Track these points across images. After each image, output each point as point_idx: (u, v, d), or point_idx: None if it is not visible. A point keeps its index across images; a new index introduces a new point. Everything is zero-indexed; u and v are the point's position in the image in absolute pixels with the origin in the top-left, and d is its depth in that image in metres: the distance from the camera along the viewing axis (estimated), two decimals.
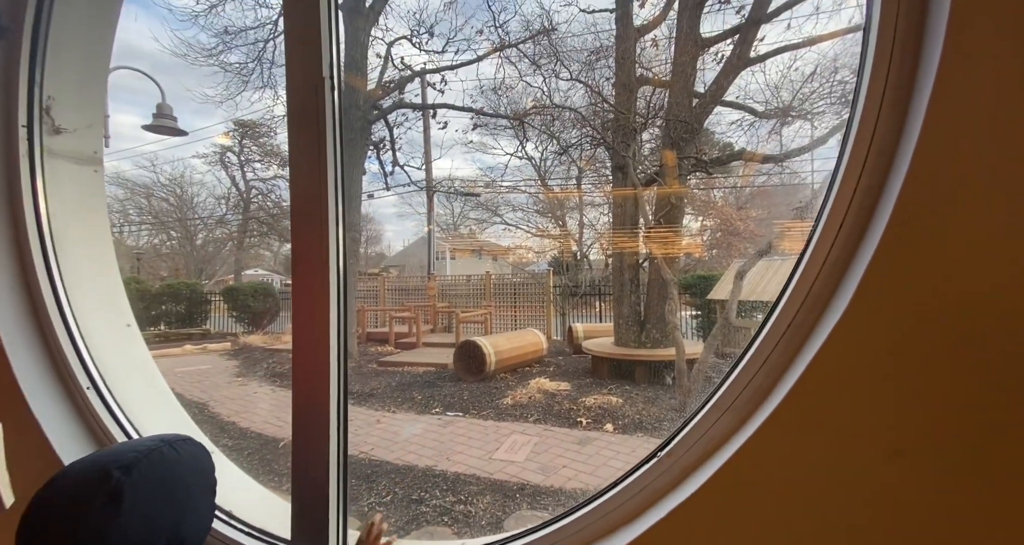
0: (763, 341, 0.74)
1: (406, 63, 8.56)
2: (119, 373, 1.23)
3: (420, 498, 3.03)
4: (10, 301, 1.12)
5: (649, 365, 5.76)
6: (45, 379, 1.13)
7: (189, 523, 0.66)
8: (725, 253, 10.15)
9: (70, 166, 1.27)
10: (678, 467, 0.78)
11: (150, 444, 0.67)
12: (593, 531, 0.84)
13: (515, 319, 9.72)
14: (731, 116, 7.60)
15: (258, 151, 14.23)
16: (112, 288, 1.34)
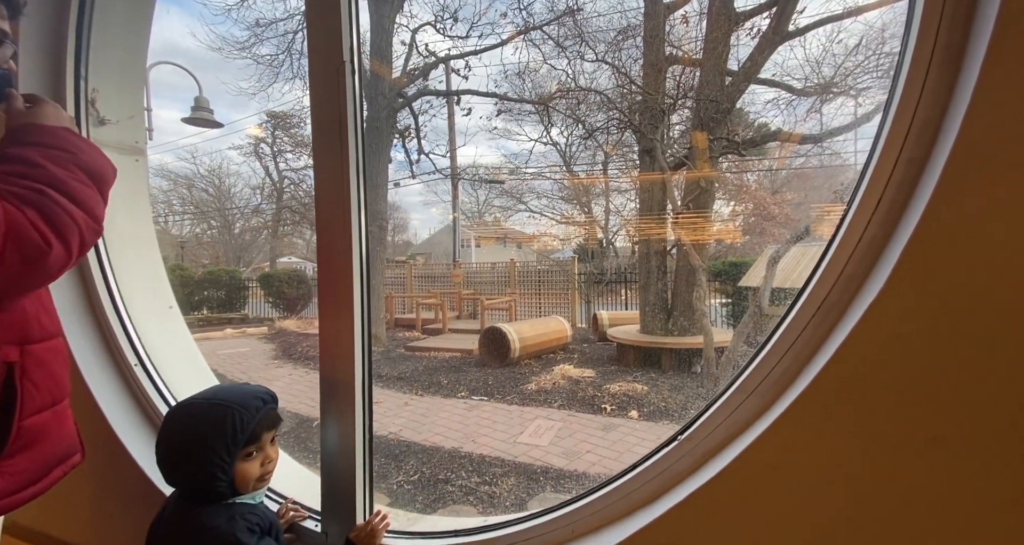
0: (790, 324, 0.72)
1: (430, 49, 8.53)
2: (162, 351, 1.31)
3: (446, 478, 3.12)
4: (65, 284, 1.21)
5: (676, 353, 5.67)
6: (98, 356, 1.21)
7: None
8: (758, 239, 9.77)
9: (114, 155, 1.32)
10: (699, 450, 0.77)
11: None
12: (612, 512, 0.85)
13: (539, 306, 9.73)
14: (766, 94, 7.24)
15: (289, 142, 14.63)
16: (155, 272, 1.42)
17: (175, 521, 0.81)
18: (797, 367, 0.70)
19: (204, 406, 0.81)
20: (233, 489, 0.79)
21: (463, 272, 11.31)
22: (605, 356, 6.41)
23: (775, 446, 0.67)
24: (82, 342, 1.20)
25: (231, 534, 0.75)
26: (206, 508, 0.78)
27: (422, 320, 8.99)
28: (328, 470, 1.01)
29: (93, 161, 0.73)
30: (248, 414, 0.80)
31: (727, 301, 7.73)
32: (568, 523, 0.88)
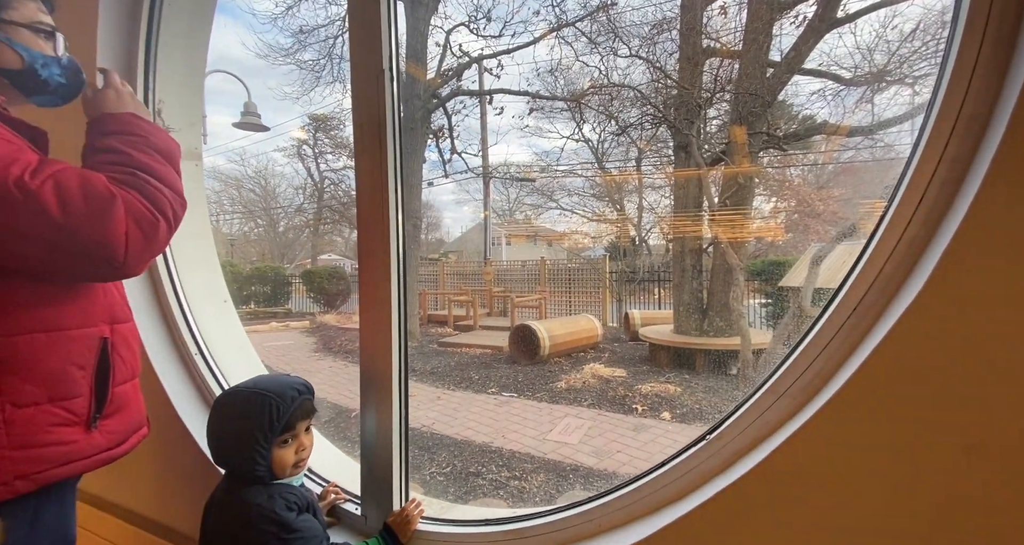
0: (825, 325, 0.71)
1: (464, 50, 8.64)
2: (218, 341, 1.42)
3: (477, 471, 3.19)
4: (137, 279, 1.33)
5: (711, 354, 5.52)
6: (164, 344, 1.33)
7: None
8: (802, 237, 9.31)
9: None
10: (727, 451, 0.77)
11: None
12: (639, 508, 0.86)
13: (570, 305, 9.69)
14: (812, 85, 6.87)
15: (329, 143, 15.20)
16: (211, 268, 1.54)
17: (225, 498, 0.88)
18: (830, 369, 0.69)
19: (246, 395, 0.88)
20: (271, 473, 0.86)
21: (494, 270, 11.41)
22: (637, 356, 6.32)
23: (806, 448, 0.67)
24: (150, 331, 1.32)
25: (271, 510, 0.81)
26: (250, 488, 0.85)
27: (454, 317, 9.15)
28: (367, 456, 1.07)
29: (162, 142, 0.82)
30: (284, 404, 0.86)
31: (767, 302, 7.44)
32: (595, 517, 0.89)
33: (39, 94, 0.82)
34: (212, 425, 0.88)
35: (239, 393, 0.89)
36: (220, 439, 0.87)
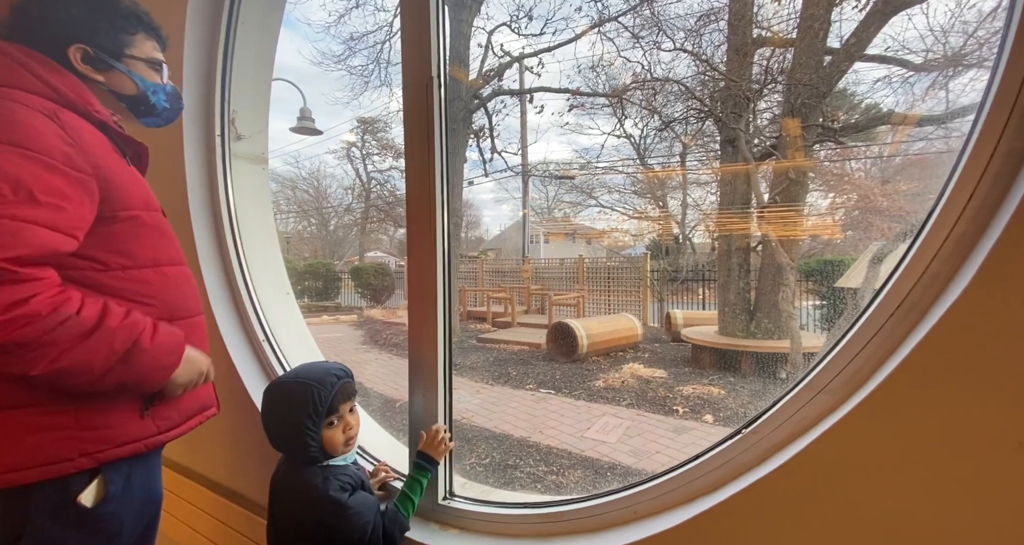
0: (867, 321, 0.70)
1: (505, 50, 8.72)
2: (281, 330, 1.55)
3: (515, 464, 3.25)
4: (213, 271, 1.49)
5: (758, 357, 5.30)
6: (236, 332, 1.48)
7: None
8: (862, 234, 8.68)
9: (247, 165, 1.61)
10: (763, 444, 0.78)
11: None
12: (674, 497, 0.88)
13: (608, 303, 9.57)
14: (875, 72, 6.37)
15: (376, 145, 15.80)
16: (275, 263, 1.68)
17: (286, 477, 0.97)
18: (872, 366, 0.68)
19: (290, 385, 0.95)
20: (324, 453, 0.93)
21: (532, 268, 11.46)
22: (678, 357, 6.17)
23: (844, 444, 0.67)
24: (225, 320, 1.47)
25: (326, 491, 0.89)
26: (306, 468, 0.93)
27: (492, 313, 9.28)
28: (415, 438, 1.15)
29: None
30: (325, 390, 0.93)
31: (821, 303, 7.02)
32: (631, 504, 0.93)
33: (147, 116, 0.97)
34: (264, 416, 0.96)
35: (283, 384, 0.97)
36: (273, 428, 0.95)
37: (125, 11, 0.90)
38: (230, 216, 1.53)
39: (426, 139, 1.11)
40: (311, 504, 0.90)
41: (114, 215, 0.82)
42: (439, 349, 1.14)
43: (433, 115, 1.12)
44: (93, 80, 0.87)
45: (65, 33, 0.84)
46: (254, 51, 1.57)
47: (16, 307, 0.67)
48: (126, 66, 0.91)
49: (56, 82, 0.80)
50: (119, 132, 0.89)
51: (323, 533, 0.89)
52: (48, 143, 0.73)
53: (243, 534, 1.34)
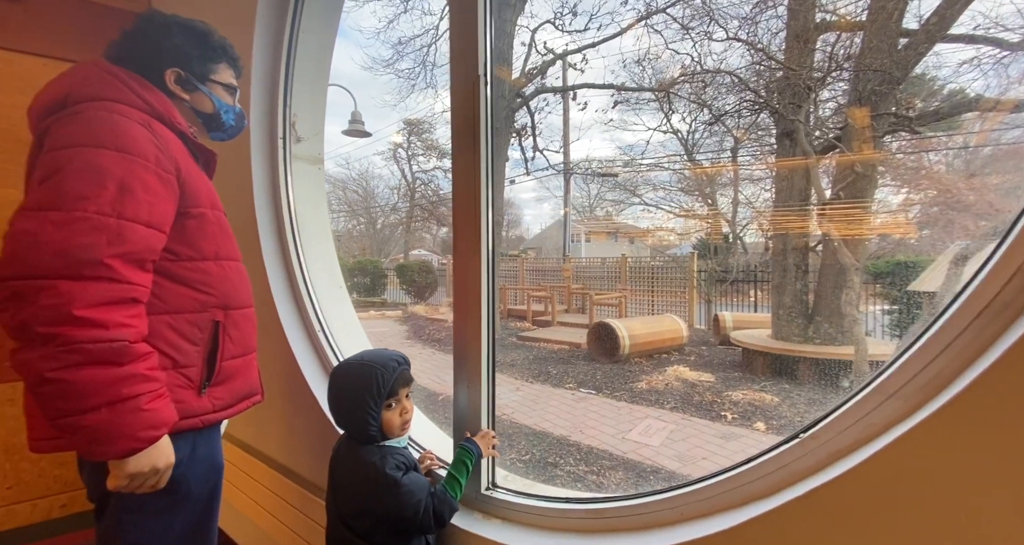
0: (947, 323, 0.64)
1: (548, 47, 8.69)
2: (335, 321, 1.64)
3: (555, 462, 3.25)
4: (276, 265, 1.60)
5: (816, 363, 4.97)
6: (295, 321, 1.58)
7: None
8: (942, 233, 7.88)
9: (305, 166, 1.71)
10: (824, 450, 0.74)
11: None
12: (724, 500, 0.85)
13: (652, 304, 9.30)
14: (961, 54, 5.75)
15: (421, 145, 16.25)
16: (330, 259, 1.78)
17: (346, 454, 1.03)
18: (953, 371, 0.63)
19: (356, 366, 1.01)
20: (382, 434, 0.99)
21: (572, 267, 11.35)
22: (727, 361, 5.90)
23: (917, 454, 0.62)
24: (285, 311, 1.57)
25: (382, 468, 0.94)
26: (365, 447, 0.99)
27: (532, 312, 9.29)
28: (459, 428, 1.18)
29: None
30: (388, 373, 0.99)
31: (891, 307, 6.47)
32: (677, 505, 0.90)
33: (216, 131, 1.11)
34: (331, 393, 1.03)
35: (351, 365, 1.03)
36: (339, 405, 1.02)
37: (215, 44, 1.05)
38: (290, 214, 1.63)
39: (472, 137, 1.14)
40: (368, 480, 0.95)
41: (187, 211, 0.92)
42: (483, 345, 1.16)
43: (480, 113, 1.13)
44: (180, 98, 1.01)
45: (166, 58, 0.98)
46: (313, 60, 1.66)
47: (107, 307, 0.73)
48: (208, 89, 1.05)
49: (149, 98, 0.91)
50: (194, 141, 1.00)
51: (379, 507, 0.94)
52: (144, 147, 0.83)
53: (296, 507, 1.43)
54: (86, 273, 0.73)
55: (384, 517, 0.95)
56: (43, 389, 0.71)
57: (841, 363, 4.76)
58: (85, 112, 0.81)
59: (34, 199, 0.75)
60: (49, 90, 0.88)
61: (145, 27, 0.98)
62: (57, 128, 0.80)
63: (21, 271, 0.70)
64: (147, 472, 0.79)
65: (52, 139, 0.80)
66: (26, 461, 1.93)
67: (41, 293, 0.70)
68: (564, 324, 8.60)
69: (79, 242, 0.73)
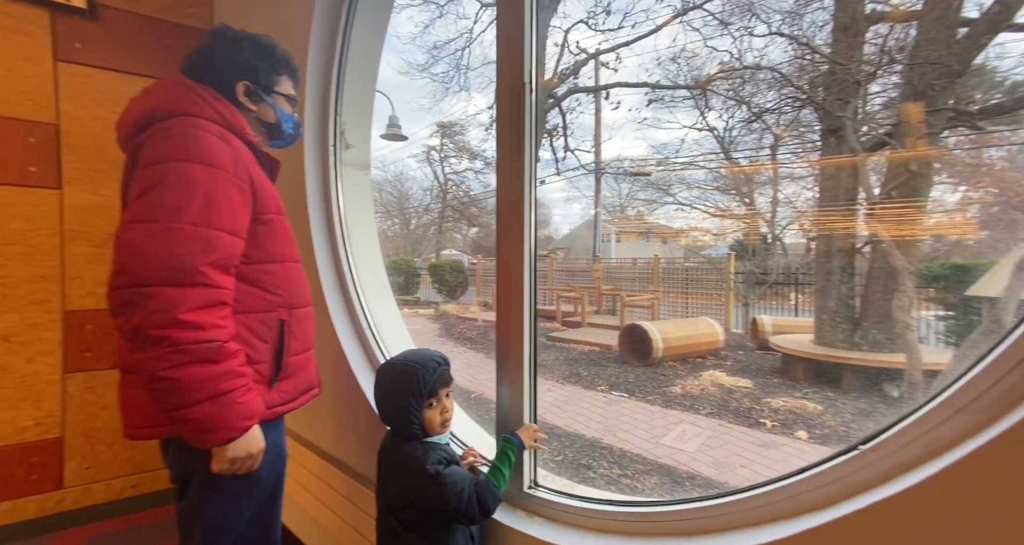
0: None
1: (580, 47, 8.63)
2: (380, 319, 1.70)
3: (588, 464, 3.24)
4: (327, 266, 1.68)
5: (863, 371, 4.73)
6: (344, 319, 1.65)
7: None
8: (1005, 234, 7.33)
9: (354, 172, 1.78)
10: (886, 463, 0.72)
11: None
12: (775, 510, 0.84)
13: (686, 306, 9.08)
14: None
15: (453, 148, 16.49)
16: (375, 259, 1.84)
17: (392, 449, 1.08)
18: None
19: (400, 366, 1.05)
20: (424, 431, 1.03)
21: (603, 267, 11.22)
22: (765, 367, 5.70)
23: (991, 471, 0.60)
24: (336, 309, 1.65)
25: (425, 463, 0.98)
26: (409, 443, 1.03)
27: (562, 312, 9.26)
28: (502, 426, 1.21)
29: None
30: (428, 373, 1.03)
31: (946, 314, 6.07)
32: (726, 513, 0.90)
33: (277, 139, 1.16)
34: (377, 391, 1.09)
35: (395, 364, 1.08)
36: (383, 403, 1.07)
37: (280, 57, 1.12)
38: (340, 217, 1.71)
39: (518, 142, 1.16)
40: (412, 474, 0.99)
41: (258, 218, 0.97)
42: (525, 344, 1.18)
43: (524, 119, 1.16)
44: (247, 109, 1.07)
45: (237, 71, 1.05)
46: (361, 69, 1.74)
47: (203, 310, 0.80)
48: (272, 100, 1.11)
49: (224, 111, 0.98)
50: (260, 150, 1.06)
51: (423, 500, 0.99)
52: (224, 160, 0.90)
53: (345, 496, 1.50)
54: (186, 280, 0.79)
55: (429, 509, 0.99)
56: (156, 386, 0.79)
57: (891, 371, 4.52)
58: (173, 128, 0.88)
59: (135, 212, 0.82)
60: (137, 106, 0.95)
61: (216, 42, 1.05)
62: (150, 144, 0.87)
63: (132, 280, 0.78)
64: (243, 457, 0.88)
65: (146, 155, 0.86)
66: (102, 444, 2.10)
67: (149, 299, 0.77)
68: (594, 325, 8.52)
69: (178, 251, 0.80)
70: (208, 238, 0.83)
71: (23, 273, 1.95)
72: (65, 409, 2.04)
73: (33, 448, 1.98)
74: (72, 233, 2.04)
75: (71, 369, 2.05)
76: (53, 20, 1.98)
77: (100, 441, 2.09)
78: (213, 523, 0.96)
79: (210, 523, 0.96)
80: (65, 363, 2.03)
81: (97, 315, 2.08)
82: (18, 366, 1.95)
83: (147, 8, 2.14)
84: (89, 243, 2.07)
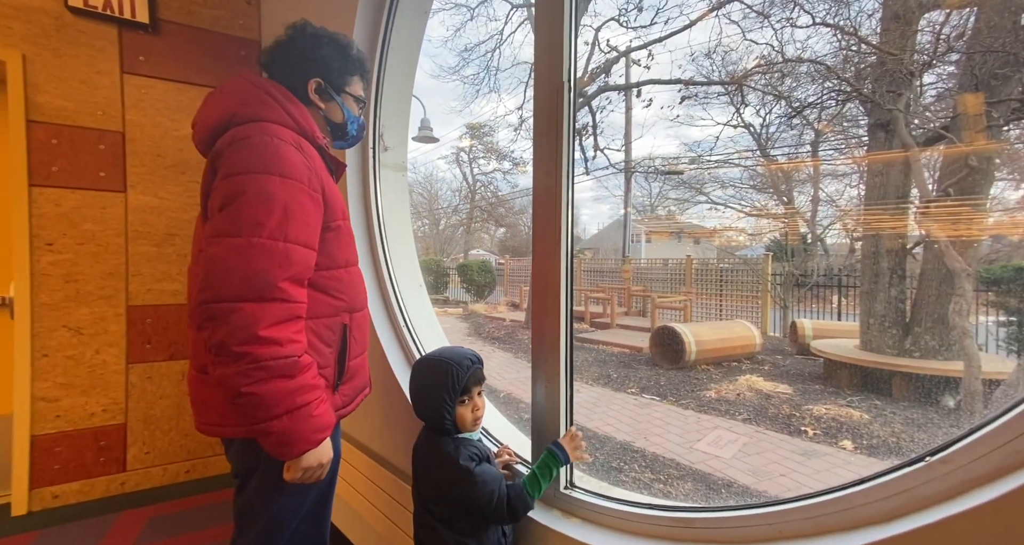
0: None
1: (611, 45, 8.51)
2: (416, 316, 1.74)
3: (619, 468, 3.19)
4: (367, 266, 1.72)
5: (915, 379, 4.45)
6: (384, 319, 1.70)
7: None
8: None
9: (392, 174, 1.83)
10: (958, 477, 0.68)
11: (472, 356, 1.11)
12: (831, 522, 0.80)
13: (720, 308, 8.80)
14: None
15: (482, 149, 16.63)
16: (411, 259, 1.88)
17: (425, 444, 1.09)
18: None
19: (434, 362, 1.06)
20: (456, 427, 1.04)
21: (632, 268, 11.03)
22: (806, 372, 5.46)
23: None
24: (376, 309, 1.69)
25: (457, 459, 0.99)
26: (441, 438, 1.04)
27: (590, 313, 9.16)
28: (538, 426, 1.21)
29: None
30: (462, 371, 1.04)
31: (1009, 319, 5.63)
32: (775, 522, 0.86)
33: (340, 140, 1.15)
34: (412, 387, 1.10)
35: (430, 360, 1.09)
36: (417, 398, 1.08)
37: (354, 56, 1.10)
38: (379, 219, 1.75)
39: (555, 142, 1.16)
40: (445, 469, 1.01)
41: (328, 225, 0.97)
42: (561, 345, 1.17)
43: (563, 119, 1.15)
44: (317, 107, 1.06)
45: (313, 68, 1.03)
46: (399, 72, 1.78)
47: (280, 326, 0.80)
48: (342, 99, 1.09)
49: (296, 114, 0.96)
50: (328, 153, 1.05)
51: (453, 494, 1.00)
52: (300, 171, 0.88)
53: (389, 494, 1.53)
54: (266, 296, 0.80)
55: (459, 504, 1.00)
56: (240, 401, 0.80)
57: (946, 380, 4.23)
58: (252, 137, 0.87)
59: (218, 226, 0.82)
60: (214, 108, 0.94)
61: (297, 37, 1.03)
62: (229, 154, 0.86)
63: (215, 295, 0.79)
64: (315, 466, 0.89)
65: (226, 166, 0.85)
66: (159, 431, 2.24)
67: (232, 315, 0.78)
68: (624, 327, 8.39)
69: (257, 267, 0.80)
70: (285, 252, 0.83)
71: (93, 270, 2.11)
72: (128, 397, 2.19)
73: (101, 432, 2.13)
74: (135, 233, 2.19)
75: (133, 360, 2.19)
76: (120, 35, 2.13)
77: (158, 428, 2.23)
78: (273, 518, 0.99)
79: (270, 518, 0.98)
80: (128, 354, 2.18)
81: (155, 310, 2.22)
82: (88, 356, 2.11)
83: (202, 21, 2.27)
84: (149, 242, 2.22)
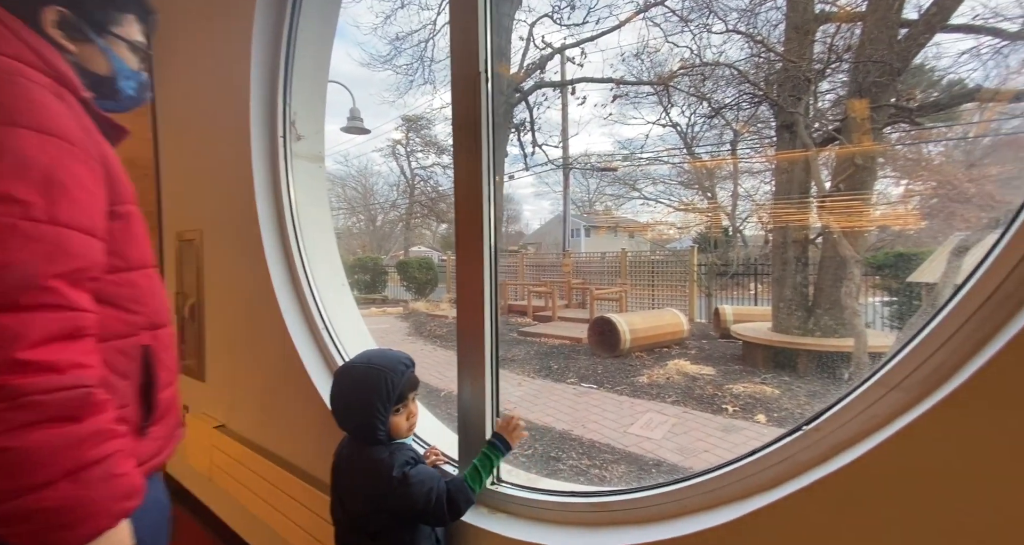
0: (950, 315, 0.65)
1: (546, 41, 8.64)
2: (338, 317, 1.64)
3: (557, 457, 3.27)
4: (278, 264, 1.60)
5: (816, 356, 4.99)
6: (298, 320, 1.58)
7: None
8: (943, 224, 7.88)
9: (306, 164, 1.71)
10: (827, 442, 0.75)
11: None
12: (727, 493, 0.86)
13: (652, 298, 9.32)
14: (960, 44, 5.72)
15: (420, 142, 16.21)
16: (332, 256, 1.78)
17: (352, 456, 1.02)
18: (954, 363, 0.63)
19: (363, 370, 0.98)
20: (389, 436, 0.98)
21: (572, 262, 11.35)
22: (728, 354, 5.92)
23: (919, 446, 0.63)
24: (289, 310, 1.57)
25: (392, 465, 0.94)
26: (373, 447, 0.98)
27: (533, 307, 9.31)
28: (464, 424, 1.19)
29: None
30: (396, 377, 0.97)
31: (890, 299, 6.48)
32: (681, 498, 0.91)
33: (108, 100, 0.81)
34: (336, 396, 0.99)
35: (357, 368, 1.00)
36: (345, 409, 0.99)
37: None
38: (291, 212, 1.63)
39: (474, 134, 1.14)
40: (380, 478, 0.94)
41: (114, 210, 0.70)
42: (486, 341, 1.16)
43: (481, 109, 1.14)
44: (63, 49, 0.72)
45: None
46: (312, 57, 1.66)
47: (56, 344, 0.55)
48: (107, 42, 0.78)
49: (44, 52, 0.66)
50: (102, 114, 0.75)
51: (392, 503, 0.94)
52: (67, 127, 0.62)
53: (298, 500, 1.43)
54: (27, 301, 0.54)
55: (397, 513, 0.95)
56: None
57: (841, 355, 4.79)
58: None
59: None
60: None
61: None
62: None
63: None
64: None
65: None
66: None
67: None
68: (565, 319, 8.61)
69: (10, 259, 0.54)
70: (56, 239, 0.57)
71: None
72: None
73: None
74: None
75: None
76: None
77: None
78: None
79: None
80: None
81: None
82: None
83: None
84: None
